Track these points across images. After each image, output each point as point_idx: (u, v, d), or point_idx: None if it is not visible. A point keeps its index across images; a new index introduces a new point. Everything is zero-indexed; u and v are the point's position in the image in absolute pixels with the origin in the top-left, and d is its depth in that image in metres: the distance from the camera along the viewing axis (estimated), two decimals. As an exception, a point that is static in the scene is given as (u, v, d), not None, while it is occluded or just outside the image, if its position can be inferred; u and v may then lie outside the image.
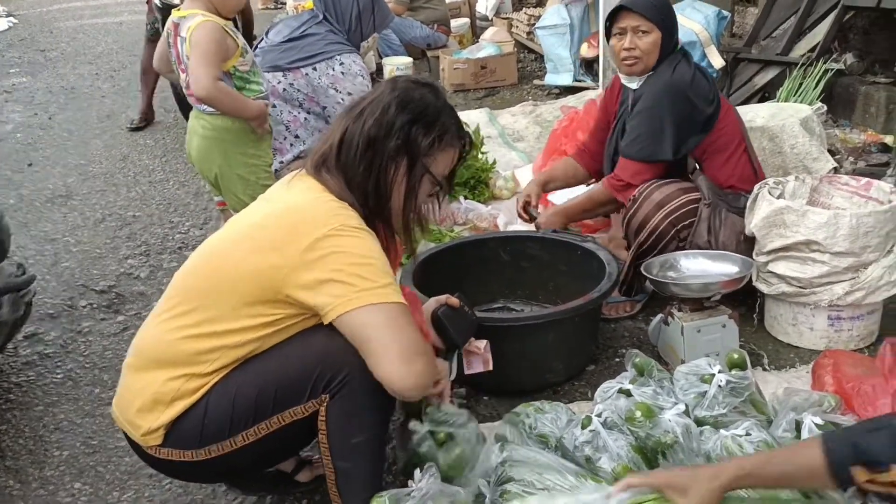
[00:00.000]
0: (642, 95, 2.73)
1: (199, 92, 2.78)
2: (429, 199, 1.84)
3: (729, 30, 5.86)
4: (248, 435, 1.67)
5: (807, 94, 4.18)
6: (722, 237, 2.61)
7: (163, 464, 1.74)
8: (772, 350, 2.61)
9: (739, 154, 2.77)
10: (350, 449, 1.69)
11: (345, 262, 1.60)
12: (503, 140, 4.88)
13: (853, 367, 2.17)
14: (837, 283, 2.43)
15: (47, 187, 4.78)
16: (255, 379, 1.66)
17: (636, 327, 2.81)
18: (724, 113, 2.74)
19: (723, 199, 2.68)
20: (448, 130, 1.78)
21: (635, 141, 2.73)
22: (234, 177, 2.98)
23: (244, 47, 2.91)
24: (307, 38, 3.44)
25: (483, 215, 3.59)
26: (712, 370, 1.97)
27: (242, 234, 1.74)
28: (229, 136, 2.94)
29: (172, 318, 1.72)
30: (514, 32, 7.12)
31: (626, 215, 2.73)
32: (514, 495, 1.73)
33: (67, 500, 2.17)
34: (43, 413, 2.58)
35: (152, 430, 1.68)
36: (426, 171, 1.76)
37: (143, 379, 1.71)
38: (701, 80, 2.71)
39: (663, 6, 2.72)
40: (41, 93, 7.15)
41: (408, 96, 1.75)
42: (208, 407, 1.66)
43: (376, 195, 1.74)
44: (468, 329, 2.09)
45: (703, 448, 1.80)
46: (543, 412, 2.04)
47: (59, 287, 3.48)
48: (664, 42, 2.70)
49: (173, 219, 4.18)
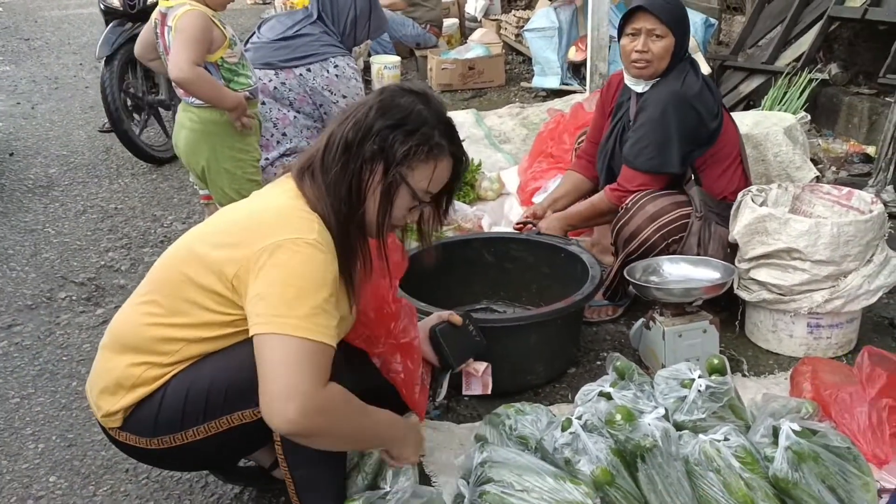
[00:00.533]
0: (648, 103, 2.67)
1: (176, 74, 2.75)
2: (410, 214, 1.75)
3: (716, 37, 5.90)
4: (199, 431, 1.66)
5: (791, 104, 4.22)
6: (710, 250, 2.61)
7: (126, 447, 1.75)
8: (751, 356, 2.62)
9: (736, 166, 2.77)
10: (306, 458, 1.67)
11: (278, 279, 1.54)
12: (489, 141, 4.88)
13: (831, 375, 2.19)
14: (817, 291, 2.45)
15: (28, 177, 4.73)
16: (208, 377, 1.64)
17: (618, 331, 2.82)
18: (725, 126, 2.73)
19: (714, 210, 2.67)
20: (429, 141, 1.66)
21: (643, 151, 2.66)
22: (221, 170, 2.96)
23: (233, 39, 2.89)
24: (301, 37, 3.41)
25: (468, 216, 3.59)
26: (692, 375, 1.98)
27: (216, 229, 1.74)
28: (217, 129, 2.92)
29: (142, 304, 1.73)
30: (502, 34, 7.13)
31: (616, 223, 2.71)
32: (493, 496, 1.74)
33: (42, 494, 2.14)
34: (18, 405, 2.55)
35: (111, 412, 1.69)
36: (403, 180, 1.66)
37: (110, 361, 1.72)
38: (707, 93, 2.68)
39: (681, 12, 2.67)
40: (24, 82, 7.07)
41: (392, 102, 1.68)
42: (164, 398, 1.66)
43: (349, 200, 1.66)
44: (467, 349, 2.04)
45: (682, 452, 1.81)
46: (524, 413, 2.04)
47: (39, 278, 3.44)
48: (676, 49, 2.65)
49: (156, 212, 4.15)
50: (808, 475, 1.71)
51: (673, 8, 2.65)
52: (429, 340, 2.03)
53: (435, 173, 1.71)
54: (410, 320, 2.01)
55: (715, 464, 1.76)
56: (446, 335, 2.00)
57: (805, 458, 1.71)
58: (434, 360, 2.03)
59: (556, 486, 1.72)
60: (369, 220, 1.71)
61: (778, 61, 4.77)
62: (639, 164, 2.68)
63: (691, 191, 2.69)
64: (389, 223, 1.71)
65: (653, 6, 2.62)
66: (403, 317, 2.00)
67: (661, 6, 2.62)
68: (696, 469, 1.78)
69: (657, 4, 2.62)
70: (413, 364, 1.97)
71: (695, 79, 2.67)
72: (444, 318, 2.04)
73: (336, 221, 1.66)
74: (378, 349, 1.99)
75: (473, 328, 2.07)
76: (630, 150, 2.71)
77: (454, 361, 2.00)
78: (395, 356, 1.97)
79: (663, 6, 2.62)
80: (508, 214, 3.72)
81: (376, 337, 1.99)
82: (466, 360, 2.07)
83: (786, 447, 1.73)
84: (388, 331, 1.99)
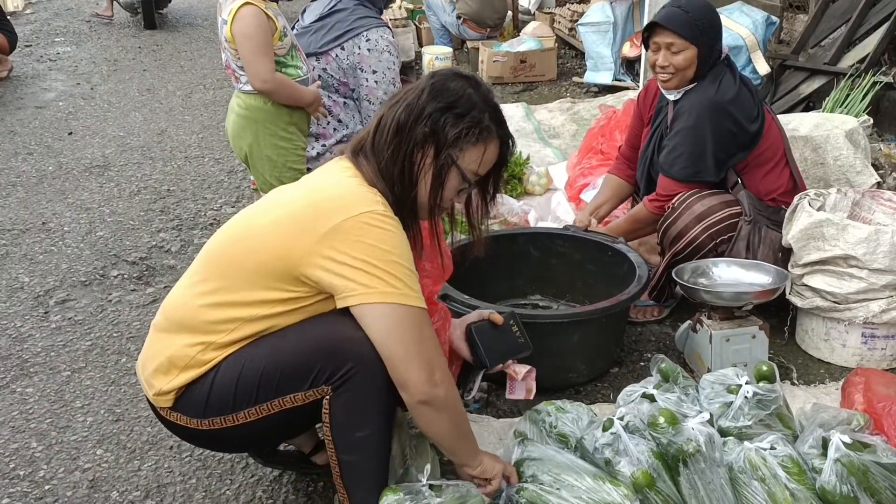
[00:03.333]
0: (683, 110, 2.63)
1: (260, 86, 2.82)
2: (458, 196, 1.79)
3: (777, 36, 5.75)
4: (250, 413, 1.68)
5: (853, 106, 4.09)
6: (760, 255, 2.55)
7: (175, 427, 1.77)
8: (801, 364, 2.56)
9: (781, 167, 2.70)
10: (354, 443, 1.68)
11: (370, 253, 1.58)
12: (538, 136, 4.85)
13: (885, 387, 2.12)
14: (874, 301, 2.38)
15: (86, 157, 4.84)
16: (261, 359, 1.66)
17: (663, 332, 2.78)
18: (767, 127, 2.65)
19: (763, 213, 2.61)
20: (479, 124, 1.69)
21: (678, 160, 2.63)
22: (263, 157, 2.98)
23: (284, 30, 2.89)
24: (335, 14, 3.41)
25: (514, 210, 3.57)
26: (739, 381, 1.94)
27: (270, 208, 1.75)
28: (261, 116, 2.93)
29: (195, 284, 1.75)
30: (555, 28, 7.06)
31: (663, 223, 2.68)
32: (530, 493, 1.72)
33: (88, 466, 2.20)
34: (69, 378, 2.62)
35: (164, 391, 1.71)
36: (453, 162, 1.69)
37: (164, 340, 1.74)
38: (745, 96, 2.61)
39: (701, 20, 2.56)
40: (84, 63, 7.23)
41: (443, 85, 1.71)
42: (216, 379, 1.68)
43: (402, 182, 1.70)
44: (506, 350, 1.99)
45: (726, 459, 1.78)
46: (565, 411, 2.02)
47: (93, 256, 3.53)
48: (704, 56, 2.58)
49: (206, 195, 4.21)
50: (857, 489, 1.66)
51: (691, 19, 2.54)
52: (465, 338, 2.01)
53: (485, 156, 1.74)
54: (443, 324, 2.00)
55: (760, 472, 1.73)
56: (482, 333, 1.96)
57: (854, 471, 1.66)
58: (469, 358, 2.01)
59: (595, 485, 1.70)
60: (421, 202, 1.74)
61: (841, 62, 4.63)
62: (674, 173, 2.65)
63: (739, 194, 2.63)
64: (440, 205, 1.75)
65: (668, 22, 2.55)
66: (437, 319, 1.99)
67: (677, 20, 2.54)
68: (740, 477, 1.75)
69: (672, 19, 2.55)
70: None
71: (731, 83, 2.60)
72: (484, 316, 2.02)
73: (391, 203, 1.69)
74: None
75: (518, 329, 2.01)
76: (666, 159, 2.68)
77: (487, 360, 1.96)
78: None
79: (679, 20, 2.54)
80: (555, 210, 3.69)
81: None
82: (504, 361, 2.01)
83: (835, 459, 1.68)
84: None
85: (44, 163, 4.73)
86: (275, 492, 2.08)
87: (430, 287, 2.04)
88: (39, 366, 2.69)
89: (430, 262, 2.06)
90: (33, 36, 8.25)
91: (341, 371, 1.63)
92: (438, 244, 1.92)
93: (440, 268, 2.04)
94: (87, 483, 2.13)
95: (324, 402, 1.66)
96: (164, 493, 2.09)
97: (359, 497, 1.73)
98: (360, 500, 1.73)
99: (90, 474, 2.17)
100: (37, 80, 6.67)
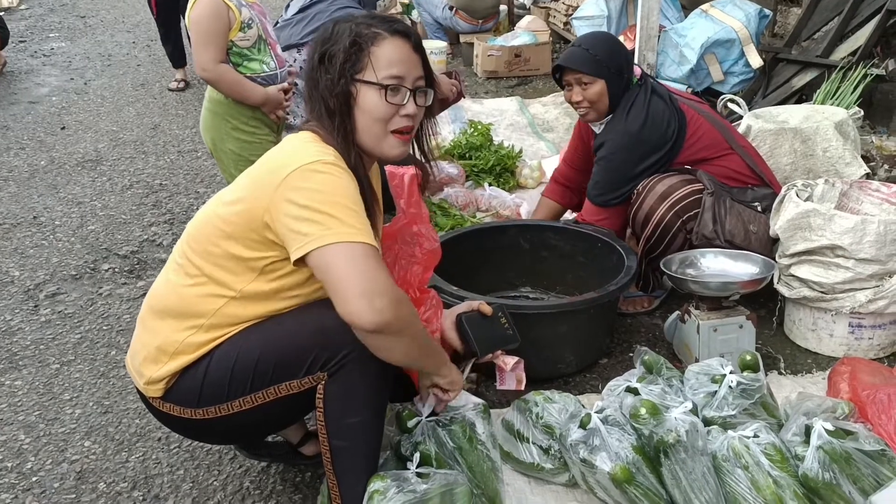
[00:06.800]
0: (601, 142, 2.76)
1: (200, 73, 2.80)
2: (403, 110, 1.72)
3: (770, 29, 5.75)
4: (245, 402, 1.67)
5: (844, 98, 4.09)
6: (728, 226, 2.57)
7: (167, 418, 1.77)
8: (789, 354, 2.57)
9: (726, 157, 2.73)
10: (347, 428, 1.68)
11: (314, 197, 1.57)
12: (532, 129, 4.85)
13: (871, 376, 2.13)
14: (861, 291, 2.38)
15: (78, 151, 4.84)
16: (255, 348, 1.66)
17: (652, 323, 2.78)
18: (692, 130, 2.71)
19: (727, 190, 2.65)
20: (359, 37, 1.69)
21: (595, 186, 2.78)
22: (227, 150, 2.92)
23: (248, 21, 2.81)
24: (316, 5, 3.40)
25: (506, 203, 3.58)
26: (724, 370, 1.95)
27: (236, 182, 1.77)
28: (222, 110, 2.89)
29: (176, 269, 1.75)
30: (550, 22, 7.06)
31: (631, 209, 2.71)
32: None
33: (76, 458, 2.20)
34: (58, 371, 2.62)
35: (154, 379, 1.71)
36: (357, 81, 1.69)
37: (151, 330, 1.74)
38: (656, 116, 2.67)
39: (603, 53, 2.67)
40: (79, 58, 7.23)
41: (322, 34, 1.75)
42: (209, 368, 1.67)
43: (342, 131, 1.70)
44: (495, 341, 2.01)
45: (710, 447, 1.78)
46: (552, 402, 2.02)
47: (84, 249, 3.53)
48: (612, 87, 2.68)
49: (199, 189, 4.21)
50: (839, 476, 1.66)
51: (591, 56, 2.66)
52: (455, 327, 2.02)
53: (381, 56, 1.71)
54: (435, 312, 2.00)
55: (743, 460, 1.73)
56: (472, 323, 1.97)
57: (837, 458, 1.67)
58: (459, 348, 2.01)
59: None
60: (366, 141, 1.72)
61: (833, 55, 4.63)
62: (592, 198, 2.81)
63: (698, 174, 2.68)
64: (381, 129, 1.72)
65: (570, 62, 2.70)
66: (428, 307, 1.99)
67: (578, 59, 2.68)
68: (723, 465, 1.75)
69: (574, 59, 2.69)
70: None
71: (639, 110, 2.68)
72: (473, 307, 2.03)
73: (350, 158, 1.68)
74: None
75: (507, 321, 2.03)
76: (589, 185, 2.83)
77: (478, 349, 1.97)
78: None
79: (580, 58, 2.68)
80: (547, 203, 3.69)
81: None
82: (493, 351, 2.02)
83: (817, 447, 1.68)
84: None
85: (36, 157, 4.73)
86: (262, 482, 2.08)
87: (421, 274, 2.04)
88: (28, 359, 2.69)
89: (419, 249, 2.06)
90: (27, 31, 8.24)
91: (337, 357, 1.63)
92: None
93: (430, 254, 2.04)
94: (74, 474, 2.13)
95: (318, 388, 1.66)
96: (152, 484, 2.09)
97: (348, 484, 1.73)
98: (349, 486, 1.73)
99: (77, 466, 2.17)
100: (30, 75, 6.66)
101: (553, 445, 1.96)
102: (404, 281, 1.99)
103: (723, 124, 2.84)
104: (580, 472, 1.88)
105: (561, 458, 1.95)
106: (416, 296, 2.00)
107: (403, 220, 2.02)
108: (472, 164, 3.94)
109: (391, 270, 2.01)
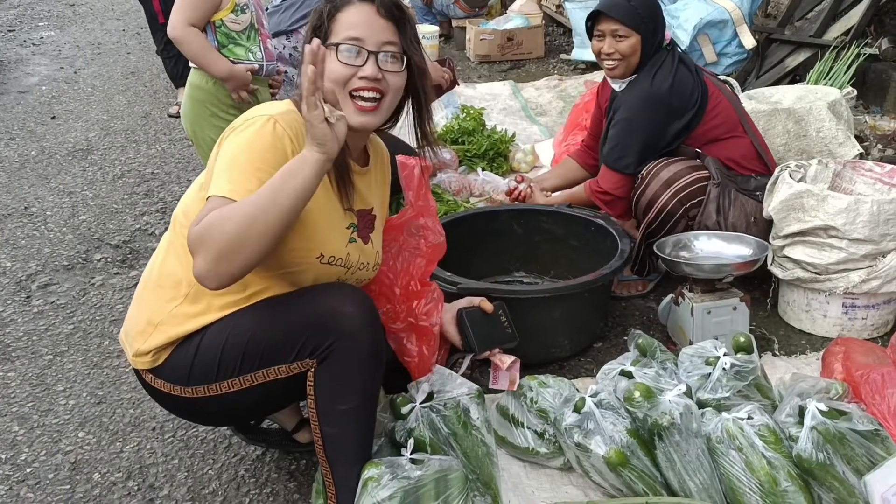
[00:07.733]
0: (621, 103, 2.72)
1: (169, 31, 2.76)
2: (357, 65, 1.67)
3: (763, 9, 5.72)
4: (234, 384, 1.67)
5: (837, 78, 4.08)
6: (731, 218, 2.56)
7: (159, 395, 1.77)
8: (783, 335, 2.57)
9: (739, 139, 2.72)
10: (338, 415, 1.68)
11: (226, 150, 1.60)
12: (525, 113, 4.82)
13: (864, 356, 2.13)
14: (854, 271, 2.38)
15: (69, 140, 4.80)
16: (246, 330, 1.66)
17: (647, 307, 2.78)
18: (713, 104, 2.69)
19: (732, 179, 2.63)
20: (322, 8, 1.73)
21: (612, 150, 2.74)
22: (206, 137, 2.87)
23: (242, 6, 2.79)
24: None
25: (500, 188, 3.56)
26: (717, 353, 1.95)
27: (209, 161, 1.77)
28: (201, 96, 2.85)
29: (165, 247, 1.79)
30: (543, 5, 7.01)
31: (634, 194, 2.69)
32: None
33: (70, 448, 2.20)
34: (51, 362, 2.61)
35: (141, 351, 1.72)
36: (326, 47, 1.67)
37: (141, 303, 1.78)
38: (682, 82, 2.65)
39: (643, 8, 2.64)
40: (68, 47, 7.17)
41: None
42: (199, 347, 1.68)
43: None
44: (494, 338, 2.02)
45: (704, 430, 1.78)
46: (546, 386, 2.02)
47: (76, 240, 3.51)
48: (645, 44, 2.66)
49: (191, 177, 4.18)
50: (833, 456, 1.66)
51: (633, 7, 2.63)
52: (455, 322, 2.02)
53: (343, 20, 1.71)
54: (435, 305, 1.99)
55: (737, 442, 1.73)
56: (473, 319, 1.98)
57: (830, 439, 1.67)
58: (457, 342, 2.01)
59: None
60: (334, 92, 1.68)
61: (826, 35, 4.61)
62: (609, 163, 2.75)
63: (706, 160, 2.66)
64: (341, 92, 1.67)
65: (610, 9, 2.64)
66: (429, 300, 1.99)
67: (620, 8, 2.63)
68: (717, 447, 1.75)
69: (615, 7, 2.63)
70: (428, 352, 1.96)
71: (667, 72, 2.65)
72: (474, 304, 2.03)
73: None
74: (396, 325, 1.98)
75: (506, 320, 2.04)
76: (605, 148, 2.78)
77: (477, 345, 1.97)
78: (411, 337, 1.96)
79: (621, 8, 2.63)
80: (541, 187, 3.67)
81: (396, 313, 1.99)
82: (491, 349, 2.03)
83: (811, 427, 1.68)
84: (409, 308, 1.98)
85: (26, 147, 4.70)
86: (257, 470, 2.08)
87: (424, 267, 2.04)
88: (21, 350, 2.68)
89: (424, 242, 2.06)
90: (16, 20, 8.17)
91: (325, 343, 1.63)
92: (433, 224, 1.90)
93: (434, 247, 2.05)
94: (68, 465, 2.13)
95: (308, 375, 1.66)
96: (147, 473, 2.09)
97: (341, 470, 1.72)
98: (342, 473, 1.72)
99: (72, 456, 2.16)
100: (20, 64, 6.61)
101: (548, 430, 1.97)
102: (406, 272, 1.99)
103: (739, 105, 2.82)
104: (575, 456, 1.88)
105: (556, 443, 1.95)
106: (418, 288, 2.00)
107: (411, 212, 2.02)
108: (465, 149, 3.92)
109: (394, 261, 2.02)
